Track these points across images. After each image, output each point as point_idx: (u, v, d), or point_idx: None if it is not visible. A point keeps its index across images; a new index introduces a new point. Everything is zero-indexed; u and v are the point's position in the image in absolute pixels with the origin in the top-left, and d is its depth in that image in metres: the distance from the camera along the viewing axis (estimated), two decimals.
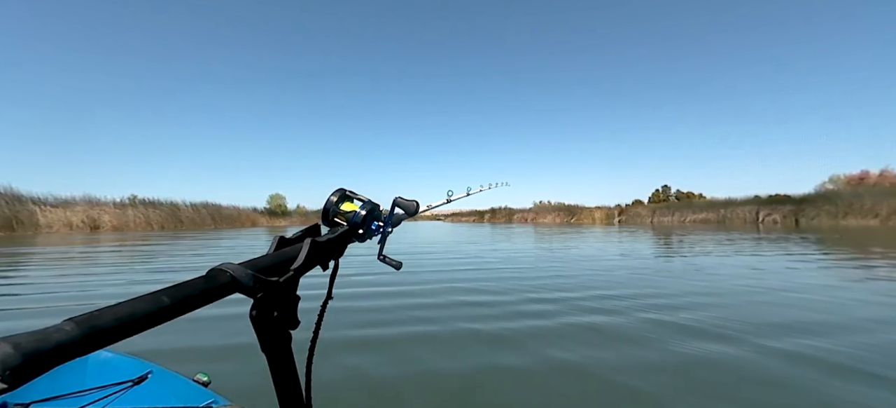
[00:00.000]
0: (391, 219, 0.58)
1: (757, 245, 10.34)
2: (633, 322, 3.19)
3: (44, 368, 0.22)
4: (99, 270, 6.46)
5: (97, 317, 0.25)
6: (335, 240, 0.49)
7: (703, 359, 2.41)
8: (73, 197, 25.28)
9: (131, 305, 0.27)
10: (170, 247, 11.43)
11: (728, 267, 6.36)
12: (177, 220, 28.71)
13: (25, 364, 0.21)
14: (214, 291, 0.33)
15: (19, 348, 0.21)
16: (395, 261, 0.59)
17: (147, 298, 0.28)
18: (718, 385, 2.06)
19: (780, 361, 2.37)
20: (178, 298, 0.30)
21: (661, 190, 46.15)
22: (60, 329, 0.23)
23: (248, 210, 38.35)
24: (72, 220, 23.40)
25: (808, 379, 2.12)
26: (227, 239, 15.60)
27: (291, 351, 0.43)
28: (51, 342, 0.22)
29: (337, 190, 0.55)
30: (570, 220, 41.01)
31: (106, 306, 0.26)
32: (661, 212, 36.34)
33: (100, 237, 16.60)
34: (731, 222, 29.94)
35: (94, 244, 12.19)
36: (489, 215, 51.53)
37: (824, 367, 2.27)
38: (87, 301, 4.13)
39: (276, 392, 0.44)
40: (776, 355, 2.47)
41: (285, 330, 0.41)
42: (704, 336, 2.83)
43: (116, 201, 27.15)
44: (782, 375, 2.18)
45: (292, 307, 0.41)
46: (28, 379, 0.21)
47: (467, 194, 0.97)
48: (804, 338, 2.76)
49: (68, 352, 0.23)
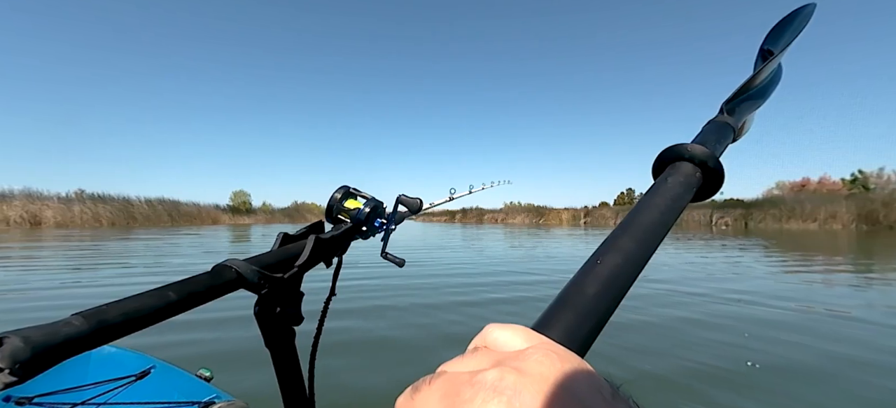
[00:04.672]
0: (395, 216, 0.58)
1: (685, 244, 10.92)
2: None
3: (52, 361, 0.22)
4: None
5: (105, 312, 0.25)
6: (339, 237, 0.49)
7: None
8: (10, 190, 23.54)
9: (138, 300, 0.27)
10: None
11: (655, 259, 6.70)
12: (129, 216, 27.22)
13: (35, 358, 0.21)
14: (220, 288, 0.33)
15: (29, 341, 0.21)
16: (397, 258, 0.59)
17: (154, 294, 0.28)
18: None
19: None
20: (184, 294, 0.30)
21: (625, 192, 47.95)
22: (69, 323, 0.23)
23: (210, 207, 36.75)
24: (9, 215, 21.78)
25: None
26: (174, 237, 14.92)
27: (295, 347, 0.43)
28: (60, 336, 0.22)
29: (341, 187, 0.54)
30: (539, 221, 41.82)
31: (113, 301, 0.26)
32: (624, 213, 37.03)
33: (40, 234, 15.49)
34: (686, 225, 31.43)
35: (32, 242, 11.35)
36: (460, 216, 51.62)
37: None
38: None
39: (280, 388, 0.44)
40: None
41: (289, 326, 0.41)
42: None
43: (61, 196, 25.49)
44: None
45: (296, 304, 0.41)
46: (37, 372, 0.21)
47: (470, 192, 0.98)
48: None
49: (77, 346, 0.23)
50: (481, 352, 0.17)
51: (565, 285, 0.22)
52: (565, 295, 0.22)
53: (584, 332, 0.20)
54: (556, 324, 0.20)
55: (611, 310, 0.21)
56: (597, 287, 0.22)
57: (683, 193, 0.27)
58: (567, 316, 0.20)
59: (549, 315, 0.21)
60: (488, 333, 0.19)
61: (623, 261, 0.23)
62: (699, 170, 0.29)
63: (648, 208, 0.27)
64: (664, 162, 0.30)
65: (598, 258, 0.23)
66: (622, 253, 0.23)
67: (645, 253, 0.24)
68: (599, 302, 0.21)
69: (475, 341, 0.19)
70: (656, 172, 0.31)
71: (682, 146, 0.30)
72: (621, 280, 0.22)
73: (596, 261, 0.23)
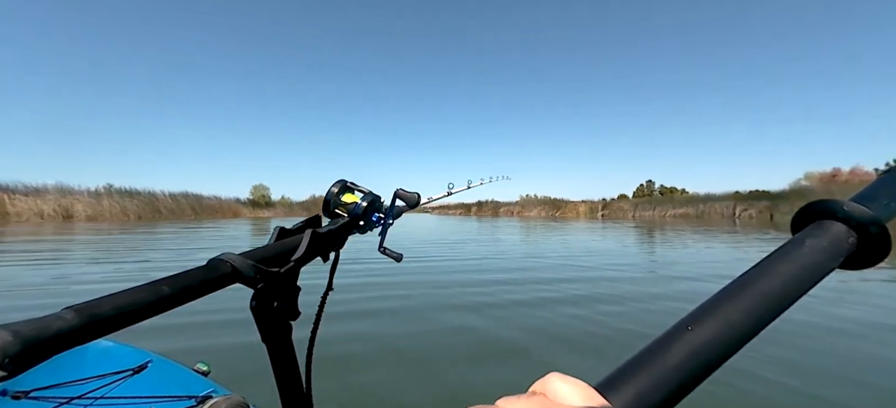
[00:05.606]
0: (393, 211, 0.57)
1: (707, 238, 10.59)
2: None
3: (43, 356, 0.22)
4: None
5: (97, 306, 0.25)
6: (336, 231, 0.49)
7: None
8: (44, 185, 24.54)
9: (131, 294, 0.27)
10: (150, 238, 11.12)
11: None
12: (155, 210, 28.07)
13: (25, 352, 0.21)
14: (215, 282, 0.32)
15: (19, 335, 0.21)
16: (395, 253, 0.59)
17: (147, 288, 0.28)
18: None
19: None
20: (179, 288, 0.29)
21: (645, 185, 46.92)
22: (60, 317, 0.23)
23: (231, 201, 37.68)
24: (43, 209, 22.69)
25: None
26: (206, 230, 15.32)
27: (292, 342, 0.43)
28: (51, 330, 0.22)
29: (338, 181, 0.55)
30: (555, 214, 41.39)
31: (106, 295, 0.26)
32: (642, 207, 36.95)
33: (73, 227, 16.13)
34: (708, 217, 30.63)
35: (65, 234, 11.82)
36: (476, 209, 51.53)
37: None
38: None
39: (277, 382, 0.44)
40: None
41: (286, 321, 0.41)
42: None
43: (91, 190, 26.45)
44: None
45: (293, 298, 0.41)
46: (28, 367, 0.21)
47: (468, 187, 0.98)
48: None
49: (68, 340, 0.23)
50: (538, 399, 0.17)
51: (644, 347, 0.20)
52: (642, 358, 0.19)
53: (657, 405, 0.18)
54: (625, 389, 0.18)
55: (692, 386, 0.19)
56: (682, 356, 0.19)
57: (825, 261, 0.22)
58: (640, 383, 0.18)
59: (618, 376, 0.18)
60: (550, 381, 0.18)
61: (723, 331, 0.19)
62: (854, 235, 0.22)
63: (770, 273, 0.21)
64: (807, 217, 0.24)
65: (689, 323, 0.20)
66: (724, 322, 0.20)
67: (755, 325, 0.20)
68: (682, 374, 0.18)
69: (536, 385, 0.18)
70: (795, 227, 0.25)
71: (836, 203, 0.23)
72: (716, 352, 0.19)
73: (686, 326, 0.20)
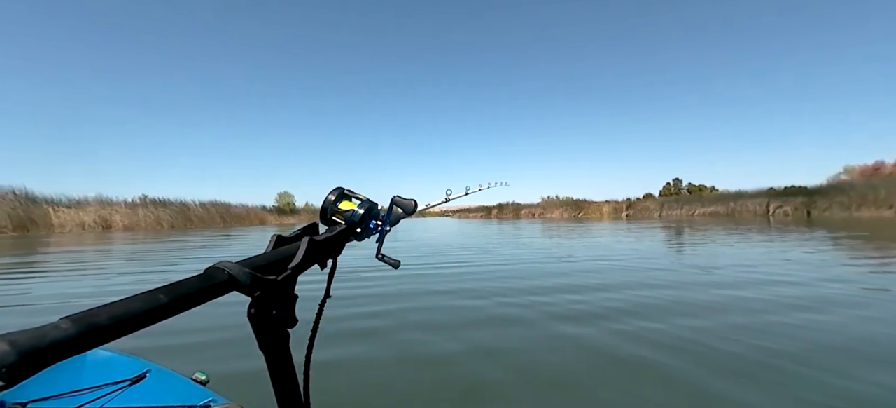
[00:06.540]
0: (389, 218, 0.58)
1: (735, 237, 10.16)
2: None
3: (40, 365, 0.22)
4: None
5: (93, 315, 0.25)
6: (333, 239, 0.49)
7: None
8: (85, 197, 25.89)
9: (127, 303, 0.27)
10: (181, 245, 11.58)
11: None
12: (186, 219, 29.17)
13: (22, 362, 0.20)
14: (212, 290, 0.32)
15: (15, 345, 0.21)
16: (393, 260, 0.59)
17: (143, 297, 0.28)
18: None
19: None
20: (175, 297, 0.29)
21: (672, 183, 45.58)
22: (57, 327, 0.23)
23: (257, 208, 38.81)
24: (84, 220, 23.91)
25: None
26: (237, 237, 15.80)
27: (289, 350, 0.43)
28: (47, 340, 0.22)
29: (335, 189, 0.55)
30: (578, 215, 40.72)
31: (102, 305, 0.26)
32: (669, 206, 35.94)
33: (112, 236, 16.93)
34: (740, 215, 29.45)
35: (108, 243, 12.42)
36: (496, 211, 51.47)
37: None
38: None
39: (274, 391, 0.44)
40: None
41: (283, 329, 0.41)
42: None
43: (128, 201, 27.71)
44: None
45: (290, 306, 0.41)
46: (24, 377, 0.21)
47: (466, 193, 0.98)
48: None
49: (65, 350, 0.23)
50: None
51: None
52: None
53: None
54: None
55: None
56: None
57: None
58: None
59: None
60: None
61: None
62: None
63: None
64: None
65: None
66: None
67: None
68: None
69: None
70: None
71: None
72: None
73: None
